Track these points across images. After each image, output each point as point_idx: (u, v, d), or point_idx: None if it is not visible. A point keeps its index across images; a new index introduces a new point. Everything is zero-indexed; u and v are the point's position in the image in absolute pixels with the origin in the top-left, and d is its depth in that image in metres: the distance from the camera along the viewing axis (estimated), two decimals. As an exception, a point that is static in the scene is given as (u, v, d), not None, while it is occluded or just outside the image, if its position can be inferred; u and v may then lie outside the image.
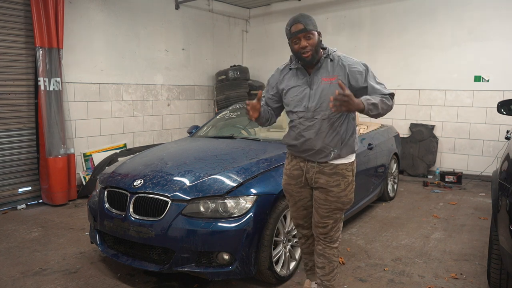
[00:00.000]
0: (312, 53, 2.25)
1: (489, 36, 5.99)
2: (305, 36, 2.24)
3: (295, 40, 2.26)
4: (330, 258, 2.47)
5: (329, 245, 2.46)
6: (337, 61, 2.31)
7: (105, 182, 3.15)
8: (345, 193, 2.38)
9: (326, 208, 2.39)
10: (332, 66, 2.30)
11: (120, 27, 6.05)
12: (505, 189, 2.41)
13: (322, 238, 2.46)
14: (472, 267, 3.30)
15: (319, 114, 2.30)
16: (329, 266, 2.48)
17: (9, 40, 4.75)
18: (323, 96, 2.28)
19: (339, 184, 2.36)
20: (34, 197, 5.15)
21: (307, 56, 2.25)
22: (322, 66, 2.32)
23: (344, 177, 2.37)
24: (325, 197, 2.38)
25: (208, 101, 7.76)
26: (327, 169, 2.36)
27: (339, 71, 2.28)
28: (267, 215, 2.76)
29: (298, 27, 2.23)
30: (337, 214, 2.42)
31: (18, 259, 3.44)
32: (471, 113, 6.29)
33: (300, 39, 2.24)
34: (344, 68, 2.28)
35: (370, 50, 6.99)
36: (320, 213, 2.42)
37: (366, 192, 4.39)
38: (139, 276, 3.11)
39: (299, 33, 2.23)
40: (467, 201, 5.26)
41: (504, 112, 3.71)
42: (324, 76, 2.30)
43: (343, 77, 2.27)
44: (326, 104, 2.27)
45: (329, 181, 2.36)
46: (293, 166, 2.48)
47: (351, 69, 2.29)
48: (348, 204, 2.43)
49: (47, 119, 4.88)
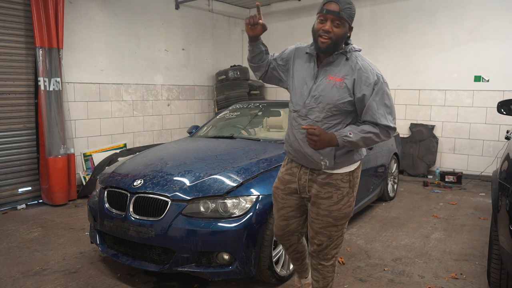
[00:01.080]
0: (330, 43, 1.96)
1: (489, 36, 6.00)
2: (333, 20, 1.94)
3: (321, 18, 1.97)
4: (323, 274, 2.28)
5: (322, 262, 2.24)
6: (352, 61, 2.01)
7: (105, 182, 3.15)
8: (337, 207, 2.09)
9: (319, 223, 2.14)
10: (344, 65, 2.01)
11: (120, 27, 6.05)
12: (505, 189, 2.41)
13: (315, 255, 2.25)
14: (472, 267, 3.30)
15: (313, 115, 2.04)
16: (323, 281, 2.30)
17: (9, 40, 4.74)
18: (322, 95, 2.02)
19: (330, 196, 2.09)
20: (34, 197, 5.15)
21: (322, 42, 1.96)
22: (334, 62, 2.03)
23: (338, 189, 2.09)
24: (316, 211, 2.13)
25: (208, 101, 7.76)
26: (320, 178, 2.11)
27: (348, 72, 1.99)
28: (267, 215, 2.76)
29: (333, 6, 1.93)
30: (332, 231, 2.14)
31: (18, 259, 3.44)
32: (471, 113, 6.29)
33: (327, 20, 1.95)
34: (354, 71, 1.98)
35: (370, 50, 6.98)
36: (314, 229, 2.18)
37: (366, 192, 4.39)
38: (139, 276, 3.11)
39: (329, 14, 1.93)
40: (467, 201, 5.26)
41: (504, 112, 3.71)
42: (332, 73, 2.02)
43: (350, 80, 1.98)
44: (322, 105, 2.01)
45: (320, 191, 2.10)
46: (287, 170, 2.26)
47: (360, 75, 1.97)
48: (342, 220, 2.13)
49: (47, 119, 4.88)
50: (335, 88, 2.00)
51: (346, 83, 1.98)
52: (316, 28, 1.99)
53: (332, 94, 2.00)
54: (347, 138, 1.94)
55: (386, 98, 1.99)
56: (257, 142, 3.79)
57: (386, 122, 1.98)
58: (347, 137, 1.94)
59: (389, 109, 2.00)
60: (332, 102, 2.00)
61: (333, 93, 2.00)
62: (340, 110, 2.02)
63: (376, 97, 1.97)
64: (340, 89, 1.99)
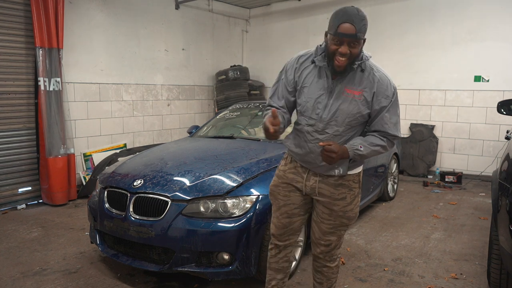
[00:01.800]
0: (346, 64, 1.90)
1: (489, 36, 6.00)
2: (350, 42, 1.86)
3: (337, 41, 1.86)
4: (328, 276, 2.28)
5: (328, 264, 2.25)
6: (368, 72, 1.97)
7: (105, 182, 3.15)
8: (351, 207, 2.13)
9: (331, 223, 2.14)
10: (361, 77, 1.97)
11: (120, 27, 6.05)
12: (505, 189, 2.41)
13: (321, 256, 2.24)
14: (472, 267, 3.30)
15: (332, 129, 2.00)
16: (327, 283, 2.30)
17: (9, 40, 4.74)
18: (341, 109, 1.97)
19: (345, 197, 2.10)
20: (34, 197, 5.14)
21: (339, 66, 1.90)
22: (349, 74, 1.97)
23: (351, 190, 2.12)
24: (329, 212, 2.12)
25: (208, 101, 7.76)
26: (332, 180, 2.09)
27: (366, 85, 1.97)
28: (267, 215, 2.76)
29: (349, 29, 1.83)
30: (342, 230, 2.18)
31: (18, 259, 3.44)
32: (471, 113, 6.29)
33: (344, 43, 1.86)
34: (374, 84, 1.96)
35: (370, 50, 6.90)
36: (323, 229, 2.16)
37: (366, 192, 4.39)
38: (139, 276, 3.11)
39: (346, 37, 1.84)
40: (467, 201, 5.26)
41: (504, 112, 3.71)
42: (348, 86, 1.97)
43: (369, 93, 1.96)
44: (341, 119, 1.98)
45: (334, 193, 2.09)
46: (290, 168, 2.19)
47: (380, 88, 1.97)
48: (353, 220, 2.17)
49: (47, 119, 4.88)
50: (354, 102, 1.98)
51: (365, 96, 1.98)
52: (331, 50, 1.90)
53: (351, 108, 1.98)
54: (358, 151, 1.98)
55: (398, 109, 2.05)
56: (257, 142, 3.79)
57: (395, 132, 2.04)
58: (358, 151, 1.98)
59: (399, 119, 2.06)
60: (352, 115, 1.99)
61: (352, 106, 1.98)
62: (358, 123, 2.04)
63: (391, 108, 2.01)
64: (359, 102, 1.98)
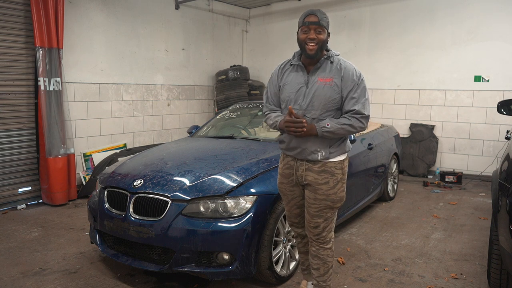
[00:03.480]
0: (317, 48, 2.27)
1: (489, 36, 5.99)
2: (316, 29, 2.26)
3: (305, 30, 2.29)
4: (324, 259, 2.47)
5: (322, 246, 2.46)
6: (336, 63, 2.34)
7: (105, 182, 3.15)
8: (334, 191, 2.38)
9: (316, 206, 2.39)
10: (330, 67, 2.33)
11: (120, 27, 6.05)
12: (505, 189, 2.41)
13: (315, 239, 2.47)
14: (472, 267, 3.30)
15: (309, 113, 2.33)
16: (324, 267, 2.48)
17: (9, 40, 4.74)
18: (316, 96, 2.31)
19: (327, 181, 2.36)
20: (34, 197, 5.15)
21: (311, 49, 2.27)
22: (321, 67, 2.35)
23: (333, 175, 2.37)
24: (314, 196, 2.39)
25: (208, 101, 7.76)
26: (316, 167, 2.37)
27: (335, 73, 2.32)
28: (267, 215, 2.76)
29: (312, 18, 2.27)
30: (328, 213, 2.42)
31: (18, 259, 3.44)
32: (471, 113, 6.29)
33: (310, 30, 2.27)
34: (340, 71, 2.32)
35: (370, 50, 6.99)
36: (311, 212, 2.42)
37: (366, 192, 4.39)
38: (139, 276, 3.11)
39: (312, 24, 2.26)
40: (467, 201, 5.26)
41: (504, 112, 3.71)
42: (321, 76, 2.33)
43: (338, 79, 2.30)
44: (317, 104, 2.31)
45: (318, 178, 2.37)
46: (285, 165, 2.51)
47: (346, 73, 2.31)
48: (339, 203, 2.42)
49: (47, 119, 4.88)
50: (326, 87, 2.31)
51: (335, 82, 2.31)
52: (302, 38, 2.30)
53: (324, 92, 2.31)
54: (325, 128, 2.27)
55: (365, 91, 2.35)
56: (257, 142, 3.79)
57: (363, 110, 2.31)
58: (325, 128, 2.27)
59: (367, 100, 2.35)
60: (326, 99, 2.31)
61: (325, 91, 2.31)
62: (333, 106, 2.33)
63: (358, 89, 2.31)
64: (331, 87, 2.31)
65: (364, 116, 2.31)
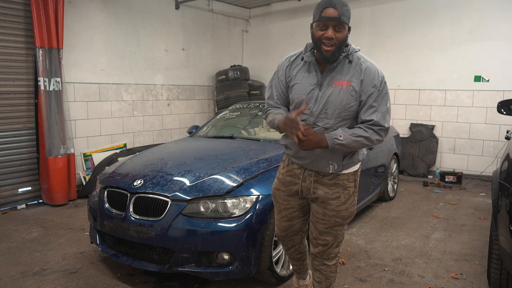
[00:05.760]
0: (335, 50, 1.92)
1: (489, 36, 5.99)
2: (335, 26, 1.89)
3: (322, 26, 1.91)
4: (327, 275, 2.26)
5: (326, 262, 2.23)
6: (355, 63, 1.99)
7: (105, 182, 3.15)
8: (345, 207, 2.11)
9: (325, 223, 2.14)
10: (348, 68, 1.98)
11: (120, 27, 6.05)
12: (505, 189, 2.41)
13: (319, 256, 2.23)
14: (472, 267, 3.30)
15: (322, 122, 2.01)
16: (326, 282, 2.28)
17: (9, 40, 4.74)
18: (330, 101, 1.98)
19: (338, 196, 2.10)
20: (34, 197, 5.14)
21: (328, 50, 1.92)
22: (338, 66, 1.99)
23: (345, 189, 2.11)
24: (323, 211, 2.12)
25: (208, 101, 7.76)
26: (326, 179, 2.10)
27: (354, 75, 1.97)
28: (267, 215, 2.76)
29: (332, 13, 1.87)
30: (338, 230, 2.16)
31: (18, 259, 3.44)
32: (471, 113, 6.29)
33: (328, 27, 1.89)
34: (361, 73, 1.97)
35: (370, 50, 6.98)
36: (319, 229, 2.17)
37: (366, 192, 4.39)
38: (139, 276, 3.11)
39: (330, 21, 1.88)
40: (467, 201, 5.26)
41: (504, 112, 3.71)
42: (337, 78, 1.98)
43: (357, 83, 1.96)
44: (331, 111, 1.98)
45: (328, 192, 2.09)
46: (288, 171, 2.22)
47: (367, 76, 1.96)
48: (349, 219, 2.16)
49: (47, 119, 4.88)
50: (343, 92, 1.97)
51: (353, 86, 1.97)
52: (318, 36, 1.93)
53: (340, 98, 1.97)
54: (337, 141, 1.94)
55: (387, 99, 2.02)
56: (257, 142, 3.79)
57: (383, 122, 1.99)
58: (337, 140, 1.94)
59: (388, 109, 2.02)
60: (341, 106, 1.98)
61: (341, 97, 1.97)
62: (349, 115, 2.01)
63: (379, 97, 1.98)
64: (348, 92, 1.96)
65: (383, 128, 1.98)
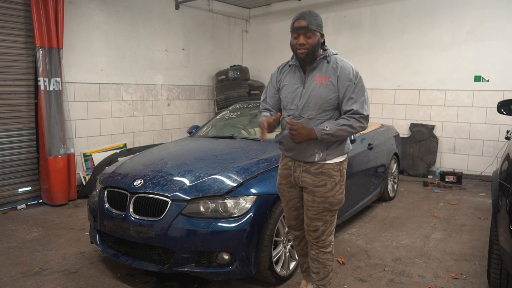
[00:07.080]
0: (307, 52, 2.26)
1: (489, 36, 5.99)
2: (305, 34, 2.25)
3: (295, 35, 2.29)
4: (324, 263, 2.45)
5: (322, 250, 2.44)
6: (332, 62, 2.32)
7: (105, 182, 3.15)
8: (332, 193, 2.35)
9: (314, 209, 2.37)
10: (326, 67, 2.32)
11: (120, 27, 6.05)
12: (505, 189, 2.41)
13: (314, 243, 2.45)
14: (472, 267, 3.30)
15: (306, 113, 2.32)
16: (324, 271, 2.46)
17: (9, 40, 4.74)
18: (312, 95, 2.31)
19: (325, 184, 2.34)
20: (34, 197, 5.15)
21: (301, 53, 2.27)
22: (318, 67, 2.33)
23: (331, 177, 2.35)
24: (312, 198, 2.37)
25: (208, 101, 7.76)
26: (313, 169, 2.35)
27: (331, 73, 2.30)
28: (267, 215, 2.76)
29: (301, 23, 2.25)
30: (327, 216, 2.39)
31: (18, 259, 3.44)
32: (471, 113, 6.29)
33: (300, 35, 2.26)
34: (336, 70, 2.29)
35: (370, 50, 6.99)
36: (309, 215, 2.40)
37: (366, 192, 4.39)
38: (139, 276, 3.11)
39: (300, 30, 2.26)
40: (467, 201, 5.26)
41: (504, 112, 3.71)
42: (317, 76, 2.32)
43: (334, 78, 2.28)
44: (313, 104, 2.30)
45: (315, 180, 2.35)
46: (284, 165, 2.51)
47: (342, 72, 2.29)
48: (337, 205, 2.39)
49: (47, 119, 4.88)
50: (323, 87, 2.30)
51: (331, 81, 2.29)
52: (293, 44, 2.31)
53: (320, 92, 2.30)
54: (324, 131, 2.23)
55: (364, 90, 2.32)
56: (257, 142, 3.79)
57: (361, 110, 2.28)
58: (324, 130, 2.23)
59: (366, 99, 2.32)
60: (322, 98, 2.29)
61: (321, 91, 2.29)
62: (330, 106, 2.31)
63: (356, 89, 2.28)
64: (327, 87, 2.29)
65: (363, 116, 2.28)
